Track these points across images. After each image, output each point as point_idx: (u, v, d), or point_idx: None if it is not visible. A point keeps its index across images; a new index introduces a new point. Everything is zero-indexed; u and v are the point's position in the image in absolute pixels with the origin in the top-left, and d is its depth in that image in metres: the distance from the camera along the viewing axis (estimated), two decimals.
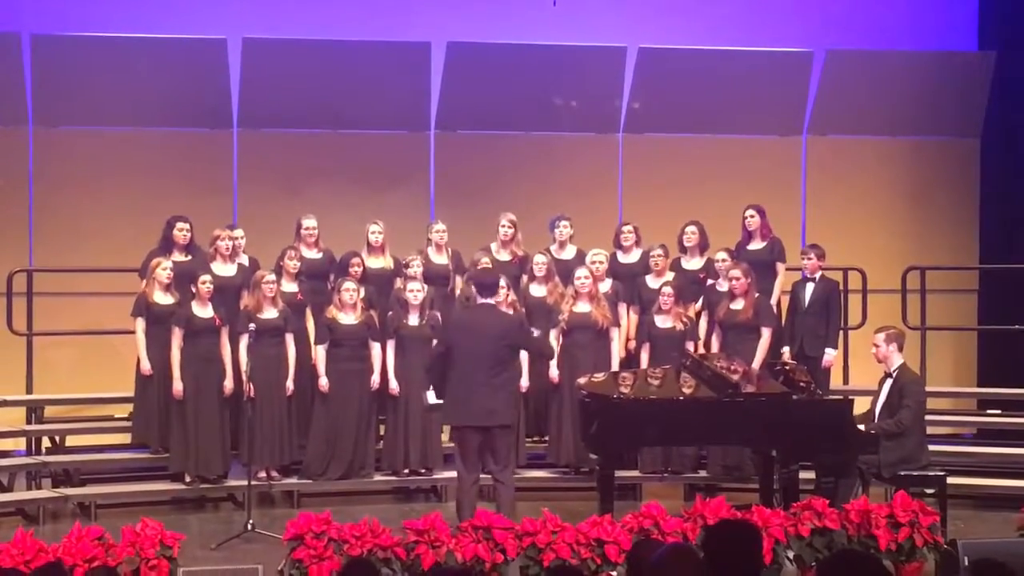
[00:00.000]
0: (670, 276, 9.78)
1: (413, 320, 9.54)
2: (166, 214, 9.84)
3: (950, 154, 12.16)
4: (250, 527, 8.46)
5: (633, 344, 9.78)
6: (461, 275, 9.98)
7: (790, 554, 7.38)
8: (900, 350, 8.49)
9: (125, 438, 9.97)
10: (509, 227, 10.04)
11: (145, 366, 9.38)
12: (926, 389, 8.80)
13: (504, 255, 10.03)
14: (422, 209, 11.48)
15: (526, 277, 9.88)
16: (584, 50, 11.57)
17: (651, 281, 9.81)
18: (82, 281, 10.79)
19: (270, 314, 9.36)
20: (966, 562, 6.85)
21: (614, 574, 7.17)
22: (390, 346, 9.57)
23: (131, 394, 9.63)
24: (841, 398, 8.45)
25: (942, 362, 11.51)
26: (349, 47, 11.24)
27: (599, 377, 8.87)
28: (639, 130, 11.79)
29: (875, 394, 8.54)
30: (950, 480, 8.34)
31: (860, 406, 8.43)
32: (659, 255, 9.81)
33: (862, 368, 10.15)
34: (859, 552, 4.52)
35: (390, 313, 9.65)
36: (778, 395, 8.22)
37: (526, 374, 9.38)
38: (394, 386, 9.55)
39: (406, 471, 9.64)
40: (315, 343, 9.54)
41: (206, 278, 9.32)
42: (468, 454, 8.11)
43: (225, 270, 9.65)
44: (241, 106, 11.21)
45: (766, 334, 9.47)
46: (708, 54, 11.61)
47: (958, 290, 11.88)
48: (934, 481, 8.24)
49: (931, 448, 8.64)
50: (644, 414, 8.08)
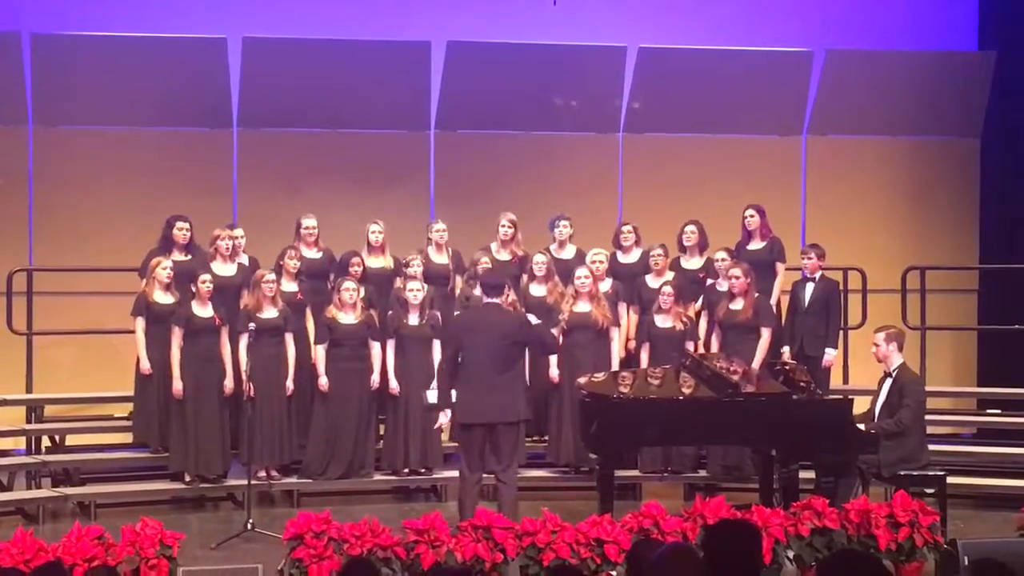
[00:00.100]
0: (670, 276, 9.77)
1: (413, 320, 9.54)
2: (166, 213, 9.84)
3: (950, 154, 12.16)
4: (250, 527, 8.46)
5: (633, 344, 9.78)
6: (461, 275, 9.98)
7: (790, 554, 7.38)
8: (900, 350, 8.49)
9: (125, 437, 9.97)
10: (509, 227, 10.04)
11: (145, 365, 9.38)
12: (926, 389, 8.80)
13: (504, 255, 10.03)
14: (422, 209, 11.48)
15: (526, 277, 9.87)
16: (584, 50, 11.56)
17: (651, 281, 9.81)
18: (82, 280, 10.79)
19: (270, 314, 9.36)
20: (966, 562, 6.85)
21: (614, 574, 7.17)
22: (390, 346, 9.57)
23: (131, 393, 9.64)
24: (841, 398, 8.45)
25: (942, 362, 11.51)
26: (349, 46, 11.24)
27: (599, 377, 8.86)
28: (639, 130, 11.79)
29: (875, 394, 8.53)
30: (950, 480, 8.34)
31: (860, 406, 8.43)
32: (659, 255, 9.81)
33: (862, 368, 10.15)
34: (859, 552, 4.52)
35: (390, 313, 9.65)
36: (778, 395, 8.22)
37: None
38: (394, 386, 9.55)
39: (406, 471, 9.63)
40: (315, 343, 9.54)
41: (206, 277, 9.31)
42: (472, 453, 8.10)
43: (225, 270, 9.65)
44: (241, 105, 11.21)
45: (766, 334, 9.46)
46: (708, 54, 11.61)
47: (958, 290, 11.87)
48: (934, 481, 8.24)
49: (931, 448, 8.63)
50: (644, 414, 8.07)
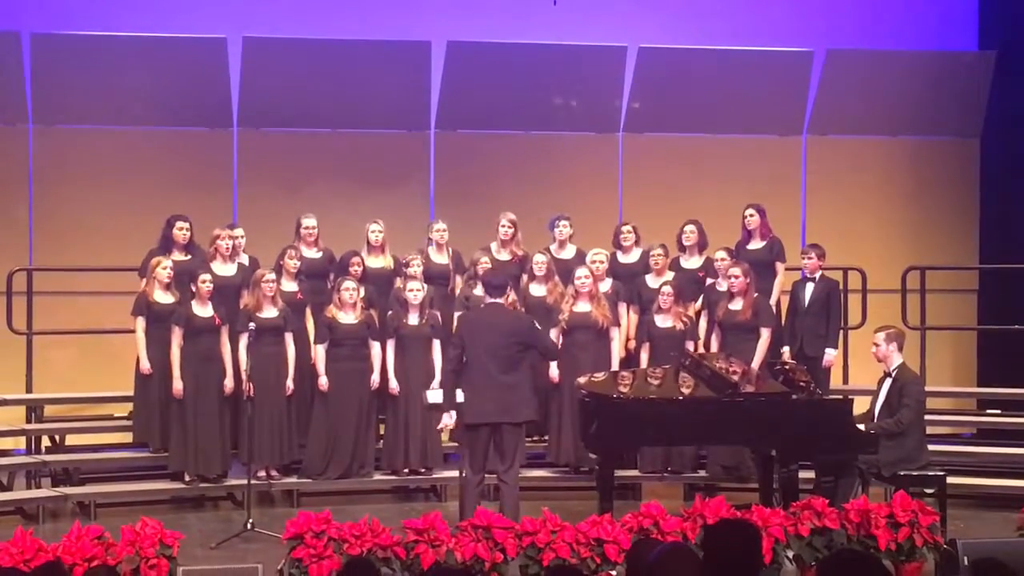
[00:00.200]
0: (670, 276, 9.77)
1: (413, 319, 9.54)
2: (166, 213, 9.84)
3: (950, 154, 12.15)
4: (250, 526, 8.46)
5: (633, 344, 9.78)
6: (461, 275, 9.98)
7: (790, 554, 7.38)
8: (900, 350, 8.48)
9: (125, 437, 9.97)
10: (509, 227, 10.04)
11: (145, 365, 9.38)
12: (926, 389, 8.79)
13: (504, 255, 10.02)
14: (422, 209, 11.48)
15: (526, 277, 9.87)
16: (584, 50, 11.56)
17: (651, 281, 9.80)
18: (82, 280, 10.79)
19: (270, 313, 9.36)
20: (966, 562, 6.85)
21: (613, 573, 7.17)
22: (390, 345, 9.57)
23: (131, 393, 9.63)
24: (841, 398, 8.45)
25: (942, 362, 11.51)
26: (349, 46, 11.23)
27: (599, 377, 8.86)
28: (639, 130, 11.79)
29: (874, 394, 8.53)
30: (950, 480, 8.33)
31: (860, 406, 8.42)
32: (659, 254, 9.81)
33: (862, 368, 10.15)
34: (859, 552, 4.50)
35: (390, 312, 9.65)
36: (778, 395, 8.22)
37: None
38: (394, 385, 9.55)
39: (406, 470, 9.63)
40: (315, 342, 9.53)
41: (206, 277, 9.31)
42: (476, 454, 8.10)
43: (225, 269, 9.64)
44: (241, 105, 11.21)
45: (765, 334, 9.46)
46: (708, 54, 11.61)
47: (958, 290, 11.87)
48: (934, 481, 8.23)
49: (931, 448, 8.63)
50: (644, 414, 8.07)
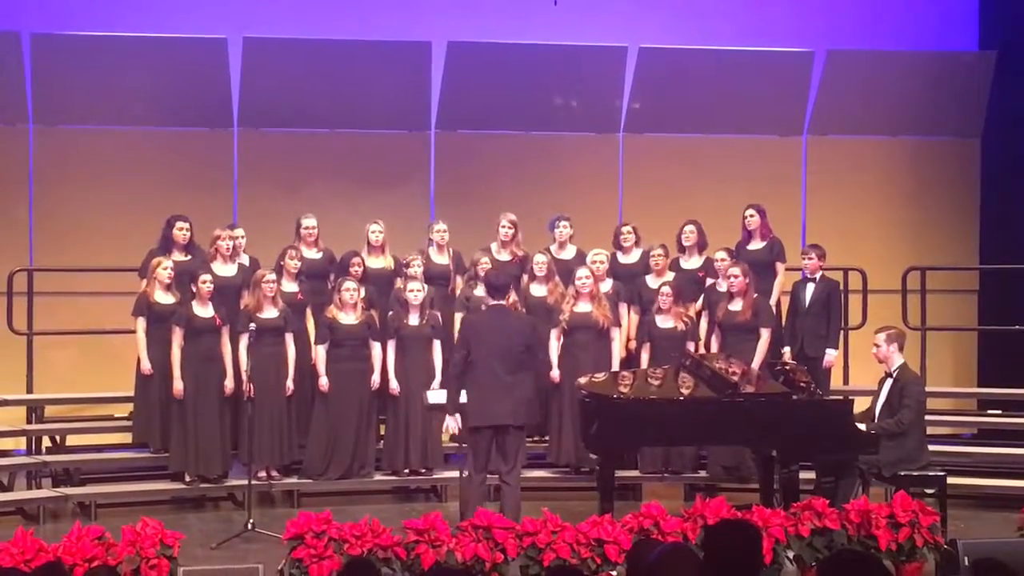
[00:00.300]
0: (670, 276, 9.77)
1: (413, 320, 9.54)
2: (166, 213, 9.84)
3: (950, 154, 12.15)
4: (250, 526, 8.46)
5: (634, 344, 9.78)
6: (462, 275, 9.98)
7: (790, 554, 7.38)
8: (901, 350, 8.48)
9: (125, 438, 9.96)
10: (509, 227, 10.03)
11: (145, 365, 9.37)
12: (926, 389, 8.79)
13: (504, 255, 10.02)
14: (422, 209, 11.48)
15: (526, 277, 9.87)
16: (585, 50, 11.56)
17: (651, 281, 9.80)
18: (82, 280, 10.79)
19: (270, 314, 9.35)
20: (966, 562, 6.85)
21: (614, 574, 7.17)
22: (390, 346, 9.57)
23: (131, 394, 9.63)
24: (841, 398, 8.45)
25: (942, 362, 11.51)
26: (350, 47, 11.23)
27: (599, 377, 8.86)
28: (639, 130, 11.78)
29: (875, 394, 8.53)
30: (950, 480, 8.34)
31: (860, 406, 8.43)
32: (659, 255, 9.80)
33: (862, 368, 10.14)
34: (859, 552, 4.50)
35: (390, 313, 9.65)
36: (778, 395, 8.21)
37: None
38: (394, 386, 9.55)
39: (406, 471, 9.63)
40: (315, 343, 9.53)
41: (206, 277, 9.30)
42: (480, 455, 8.10)
43: (225, 270, 9.64)
44: (241, 105, 11.21)
45: (765, 334, 9.45)
46: (708, 54, 11.60)
47: (958, 290, 11.87)
48: (934, 481, 8.23)
49: (931, 448, 8.63)
50: (644, 414, 8.06)
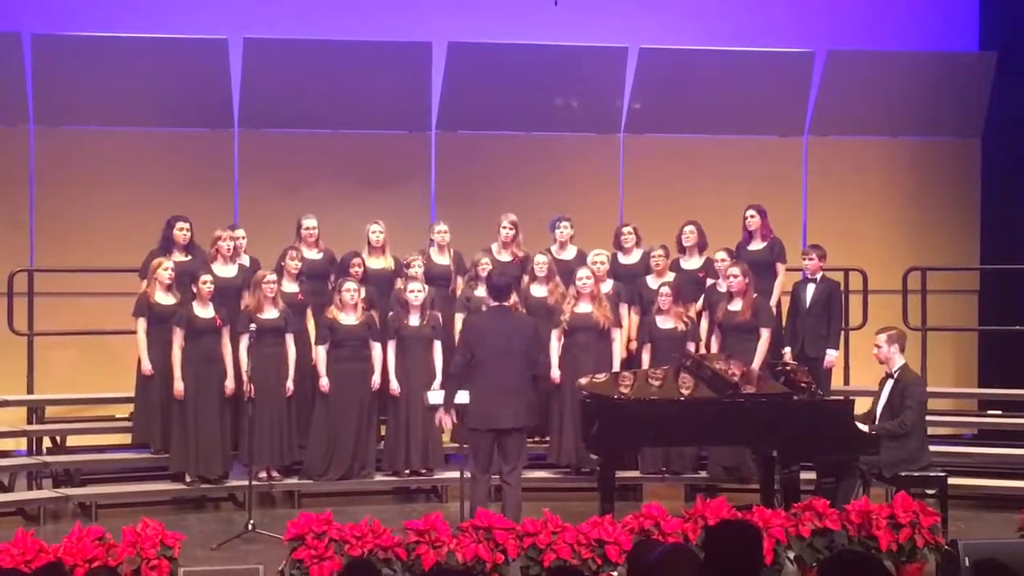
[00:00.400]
0: (671, 277, 9.77)
1: (414, 320, 9.54)
2: (167, 214, 9.84)
3: (951, 155, 12.15)
4: (251, 527, 8.46)
5: (635, 345, 9.77)
6: (462, 276, 9.98)
7: (791, 555, 7.38)
8: (902, 351, 8.48)
9: (126, 438, 9.96)
10: (510, 228, 10.03)
11: (146, 366, 9.38)
12: (927, 390, 8.79)
13: (505, 256, 10.02)
14: (422, 209, 11.48)
15: (527, 277, 9.87)
16: (585, 50, 11.56)
17: (652, 282, 9.80)
18: (83, 281, 10.78)
19: (271, 314, 9.35)
20: (967, 563, 6.84)
21: (615, 574, 7.17)
22: (391, 346, 9.57)
23: (132, 394, 9.63)
24: (842, 399, 8.45)
25: (943, 363, 11.51)
26: (350, 47, 11.24)
27: (600, 377, 8.86)
28: (640, 130, 11.78)
29: (876, 395, 8.53)
30: (951, 481, 8.33)
31: (861, 407, 8.42)
32: (660, 255, 9.80)
33: (863, 369, 10.14)
34: (860, 553, 4.50)
35: (391, 313, 9.65)
36: (779, 395, 8.21)
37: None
38: (395, 386, 9.55)
39: (407, 471, 9.63)
40: (316, 343, 9.53)
41: (207, 278, 9.30)
42: (483, 456, 8.09)
43: (226, 271, 9.64)
44: (242, 106, 11.21)
45: (765, 335, 9.44)
46: (709, 54, 11.61)
47: (959, 291, 11.87)
48: (935, 482, 8.24)
49: (932, 448, 8.62)
50: (644, 414, 8.06)
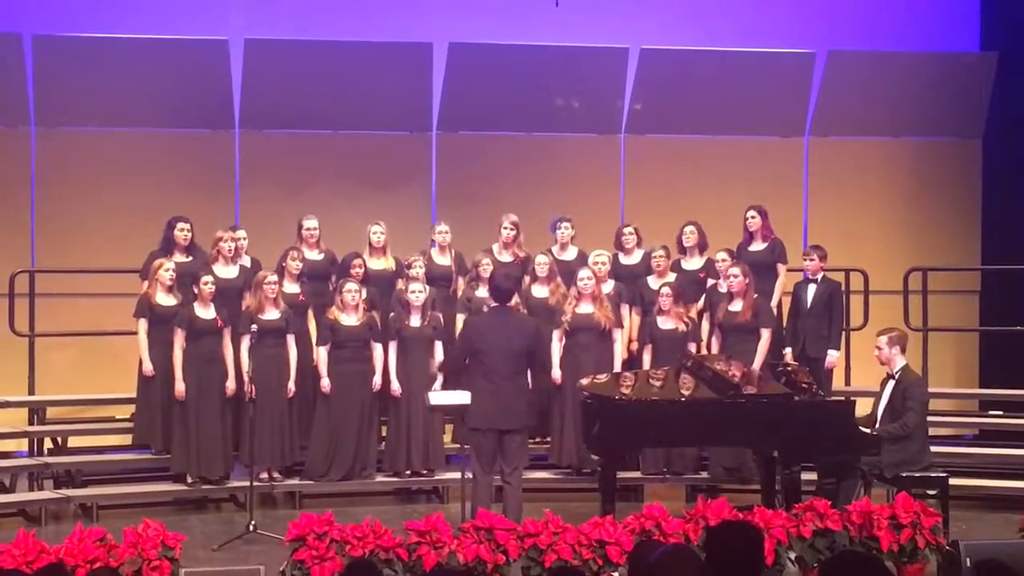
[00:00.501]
0: (672, 277, 9.77)
1: (415, 321, 9.54)
2: (168, 215, 9.84)
3: (952, 155, 12.14)
4: (252, 528, 8.46)
5: (636, 345, 9.77)
6: (463, 276, 9.98)
7: (792, 555, 7.38)
8: (903, 352, 8.47)
9: (127, 439, 9.96)
10: (511, 228, 10.03)
11: (147, 367, 9.38)
12: (928, 390, 8.79)
13: (506, 256, 10.02)
14: (423, 210, 11.48)
15: (528, 278, 9.86)
16: (586, 51, 11.56)
17: (653, 282, 9.79)
18: (84, 282, 10.78)
19: (272, 315, 9.35)
20: (968, 563, 6.84)
21: (616, 575, 7.17)
22: (392, 347, 9.57)
23: (133, 395, 9.63)
24: (843, 399, 8.44)
25: (944, 363, 11.50)
26: (351, 48, 11.24)
27: (601, 378, 8.86)
28: (641, 131, 11.78)
29: (877, 396, 8.52)
30: (952, 481, 8.34)
31: (862, 407, 8.42)
32: (661, 256, 9.80)
33: (864, 369, 10.14)
34: (861, 553, 4.50)
35: (392, 314, 9.65)
36: (780, 396, 8.21)
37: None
38: (396, 387, 9.55)
39: (408, 472, 9.63)
40: (317, 344, 9.53)
41: (208, 279, 9.30)
42: (485, 456, 8.10)
43: (227, 272, 9.63)
44: (243, 107, 11.21)
45: (765, 335, 9.43)
46: (710, 55, 11.60)
47: (960, 291, 11.86)
48: (936, 482, 8.24)
49: (933, 449, 8.62)
50: (645, 415, 8.06)
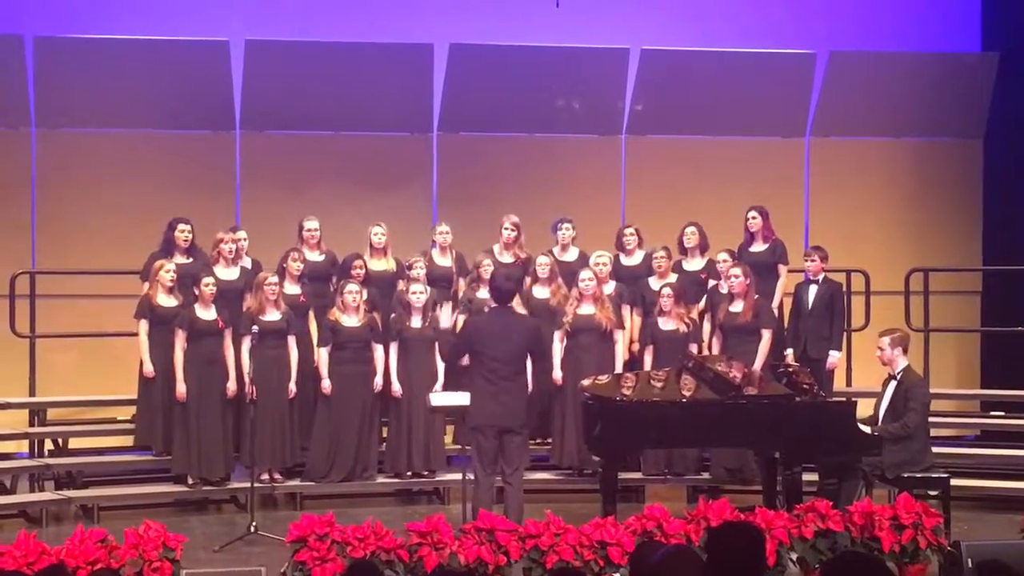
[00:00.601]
0: (673, 278, 9.76)
1: (416, 322, 9.54)
2: (169, 216, 9.83)
3: (953, 155, 12.13)
4: (253, 529, 8.45)
5: (637, 346, 9.77)
6: (464, 277, 9.98)
7: (793, 556, 7.37)
8: (905, 353, 8.47)
9: (128, 440, 9.95)
10: (512, 229, 10.03)
11: (148, 368, 9.38)
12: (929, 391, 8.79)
13: (507, 257, 10.01)
14: (424, 211, 11.48)
15: (529, 279, 9.86)
16: (587, 52, 11.56)
17: (654, 283, 9.79)
18: (85, 283, 10.77)
19: (273, 316, 9.35)
20: (970, 564, 6.83)
21: None
22: (393, 348, 9.57)
23: (134, 396, 9.63)
24: (844, 400, 8.43)
25: (945, 364, 11.49)
26: (352, 49, 11.24)
27: (602, 379, 8.86)
28: (642, 132, 11.78)
29: (879, 396, 8.52)
30: (953, 482, 8.34)
31: (863, 408, 8.41)
32: (662, 257, 9.80)
33: (865, 370, 10.13)
34: (863, 554, 4.50)
35: (393, 315, 9.64)
36: (781, 397, 8.20)
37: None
38: (397, 388, 9.55)
39: (409, 473, 9.63)
40: (318, 345, 9.53)
41: (209, 280, 9.29)
42: (485, 456, 8.09)
43: (227, 273, 9.63)
44: (244, 108, 11.21)
45: (766, 336, 9.42)
46: (711, 56, 11.60)
47: (961, 292, 11.86)
48: (938, 483, 8.23)
49: (934, 450, 8.61)
50: (647, 416, 8.05)
